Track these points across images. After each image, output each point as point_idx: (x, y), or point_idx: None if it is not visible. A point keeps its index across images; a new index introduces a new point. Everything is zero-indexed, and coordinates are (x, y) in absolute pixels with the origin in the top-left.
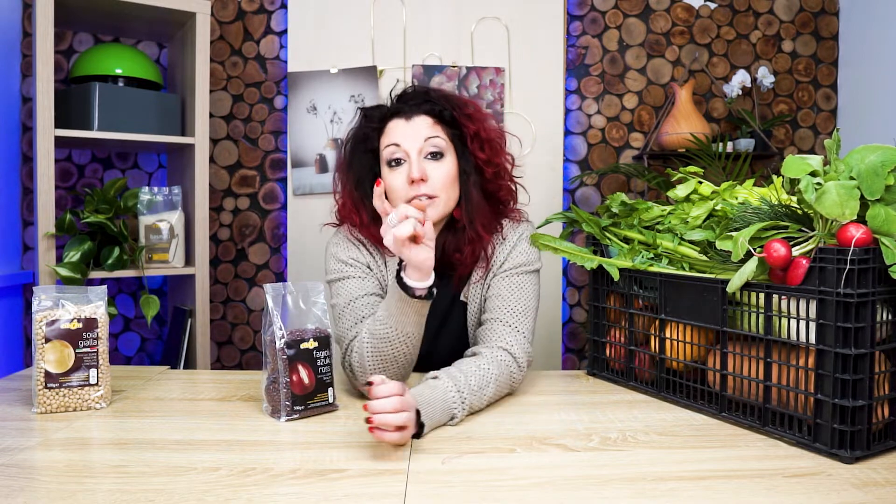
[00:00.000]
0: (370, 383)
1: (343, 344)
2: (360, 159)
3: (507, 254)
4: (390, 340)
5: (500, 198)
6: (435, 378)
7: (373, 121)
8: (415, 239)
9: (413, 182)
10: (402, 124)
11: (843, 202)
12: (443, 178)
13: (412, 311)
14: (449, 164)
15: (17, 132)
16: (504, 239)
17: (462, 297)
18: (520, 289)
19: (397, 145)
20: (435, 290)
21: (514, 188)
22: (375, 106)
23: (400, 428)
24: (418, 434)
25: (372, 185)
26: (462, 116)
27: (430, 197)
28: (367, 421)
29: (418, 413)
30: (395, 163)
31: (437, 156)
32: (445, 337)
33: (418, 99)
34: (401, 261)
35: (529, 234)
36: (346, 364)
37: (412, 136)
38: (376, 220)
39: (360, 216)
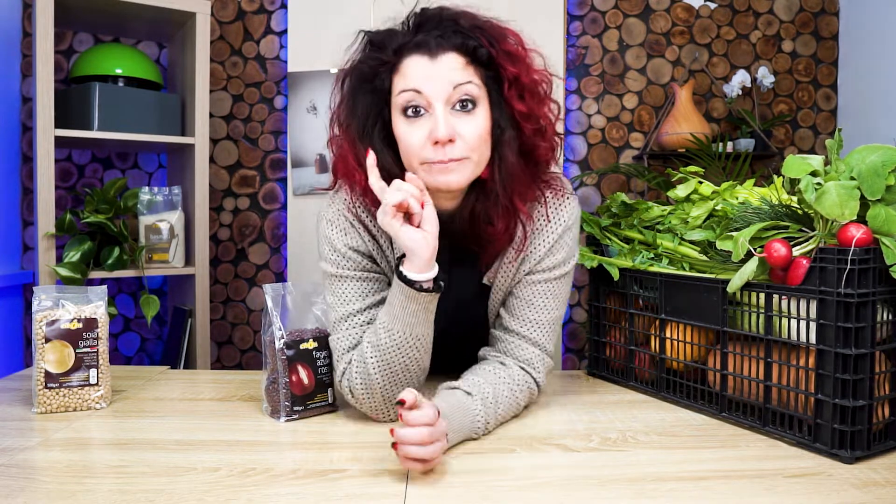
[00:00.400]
0: (402, 402)
1: (339, 364)
2: (365, 100)
3: (549, 246)
4: (399, 348)
5: (536, 157)
6: (468, 395)
7: (384, 52)
8: (409, 217)
9: (437, 142)
10: (424, 63)
11: (843, 202)
12: (475, 136)
13: (419, 308)
14: (481, 116)
15: (17, 132)
16: (549, 220)
17: (486, 281)
18: (554, 297)
19: (418, 92)
20: (443, 283)
21: (555, 146)
22: (387, 31)
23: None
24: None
25: (379, 133)
26: (501, 55)
27: (457, 160)
28: (394, 447)
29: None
30: (414, 112)
31: (467, 105)
32: (460, 326)
33: (446, 29)
34: (401, 254)
35: (579, 215)
36: (345, 386)
37: (438, 80)
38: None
39: (363, 175)
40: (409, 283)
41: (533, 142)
